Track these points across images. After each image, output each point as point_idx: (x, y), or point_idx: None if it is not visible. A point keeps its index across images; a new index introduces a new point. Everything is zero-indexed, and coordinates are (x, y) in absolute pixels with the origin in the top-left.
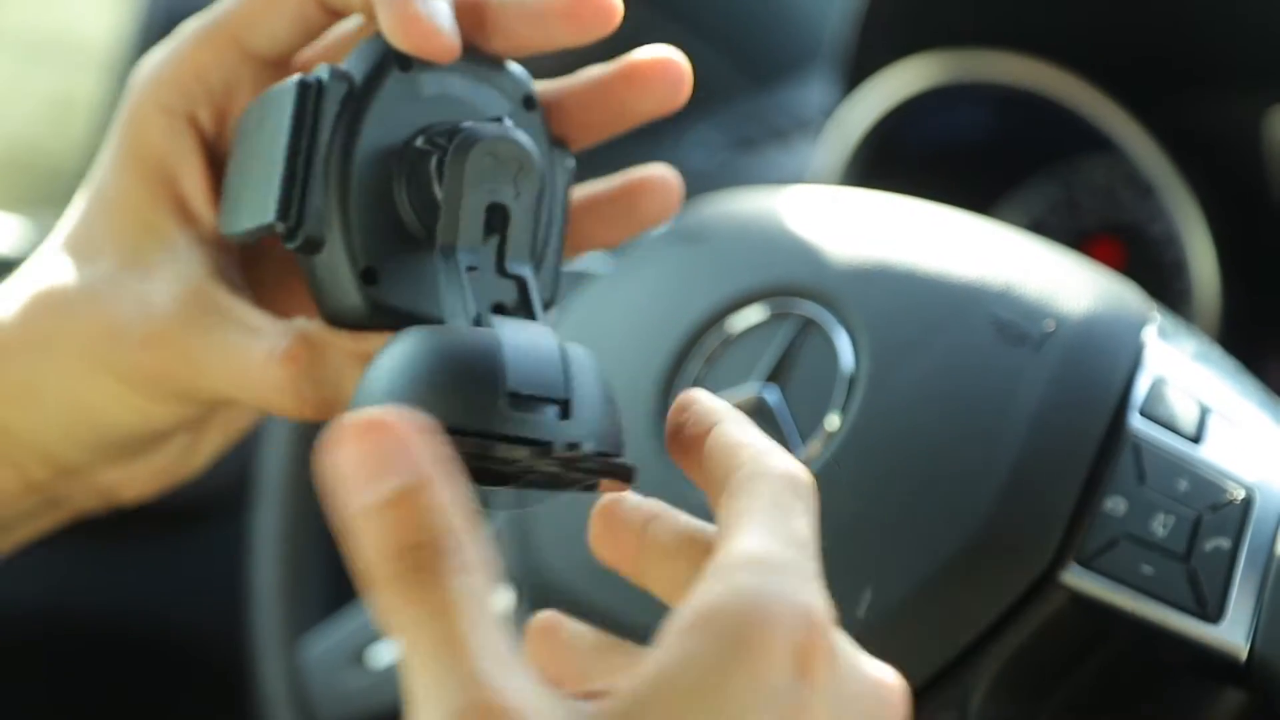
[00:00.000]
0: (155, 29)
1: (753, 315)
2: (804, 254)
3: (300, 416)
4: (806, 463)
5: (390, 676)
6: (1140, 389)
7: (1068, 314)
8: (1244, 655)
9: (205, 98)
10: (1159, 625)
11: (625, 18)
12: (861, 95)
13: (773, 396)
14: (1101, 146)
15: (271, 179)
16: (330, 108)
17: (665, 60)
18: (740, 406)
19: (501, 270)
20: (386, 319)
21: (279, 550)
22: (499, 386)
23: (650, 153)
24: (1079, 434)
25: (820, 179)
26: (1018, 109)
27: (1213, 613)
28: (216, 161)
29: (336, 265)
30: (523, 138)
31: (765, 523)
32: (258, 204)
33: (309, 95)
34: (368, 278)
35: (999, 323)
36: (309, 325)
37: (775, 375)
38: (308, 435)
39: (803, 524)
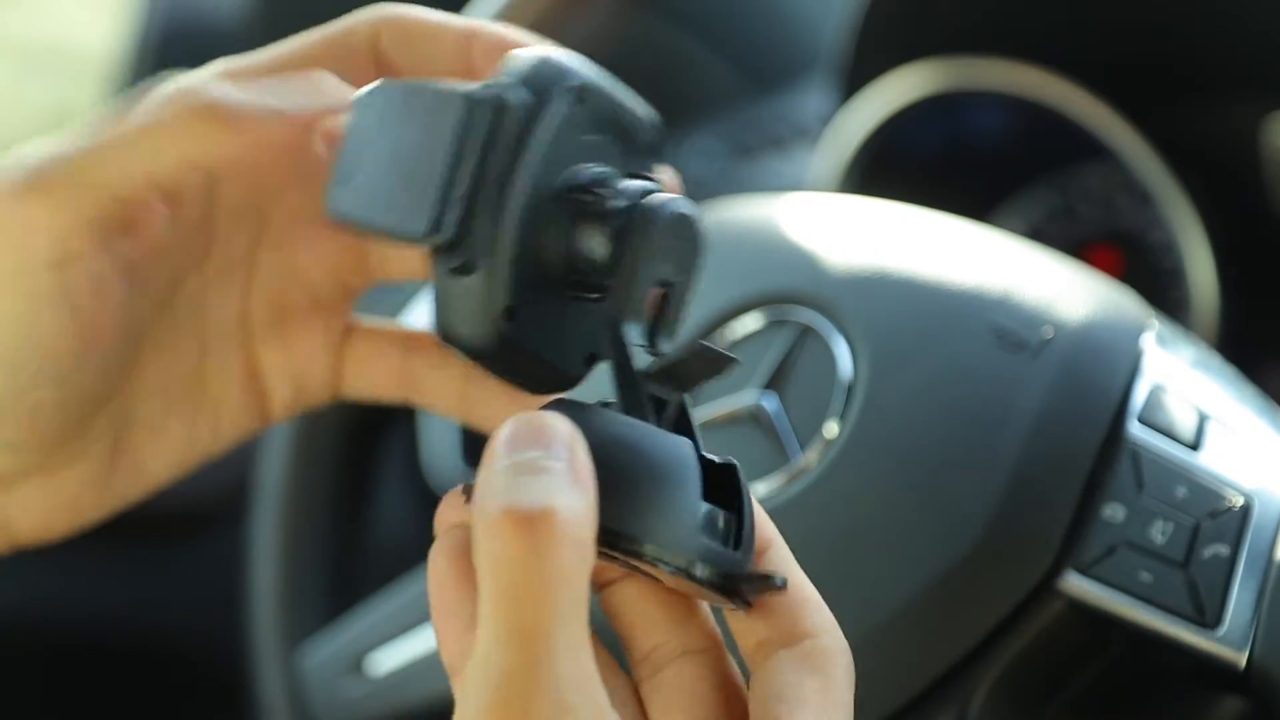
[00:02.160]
0: (154, 40)
1: (751, 322)
2: (802, 261)
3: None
4: (805, 470)
5: (389, 684)
6: (1139, 396)
7: (1066, 321)
8: (1243, 662)
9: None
10: (1158, 632)
11: (628, 25)
12: (859, 103)
13: (771, 404)
14: (1099, 154)
15: (428, 187)
16: (509, 129)
17: None
18: (739, 414)
19: (654, 349)
20: (510, 356)
21: (277, 558)
22: (696, 513)
23: None
24: (1078, 441)
25: (818, 186)
26: (1016, 116)
27: (1211, 620)
28: None
29: (482, 294)
30: (698, 215)
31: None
32: (404, 207)
33: (483, 110)
34: (509, 314)
35: (998, 330)
36: None
37: (774, 382)
38: (305, 443)
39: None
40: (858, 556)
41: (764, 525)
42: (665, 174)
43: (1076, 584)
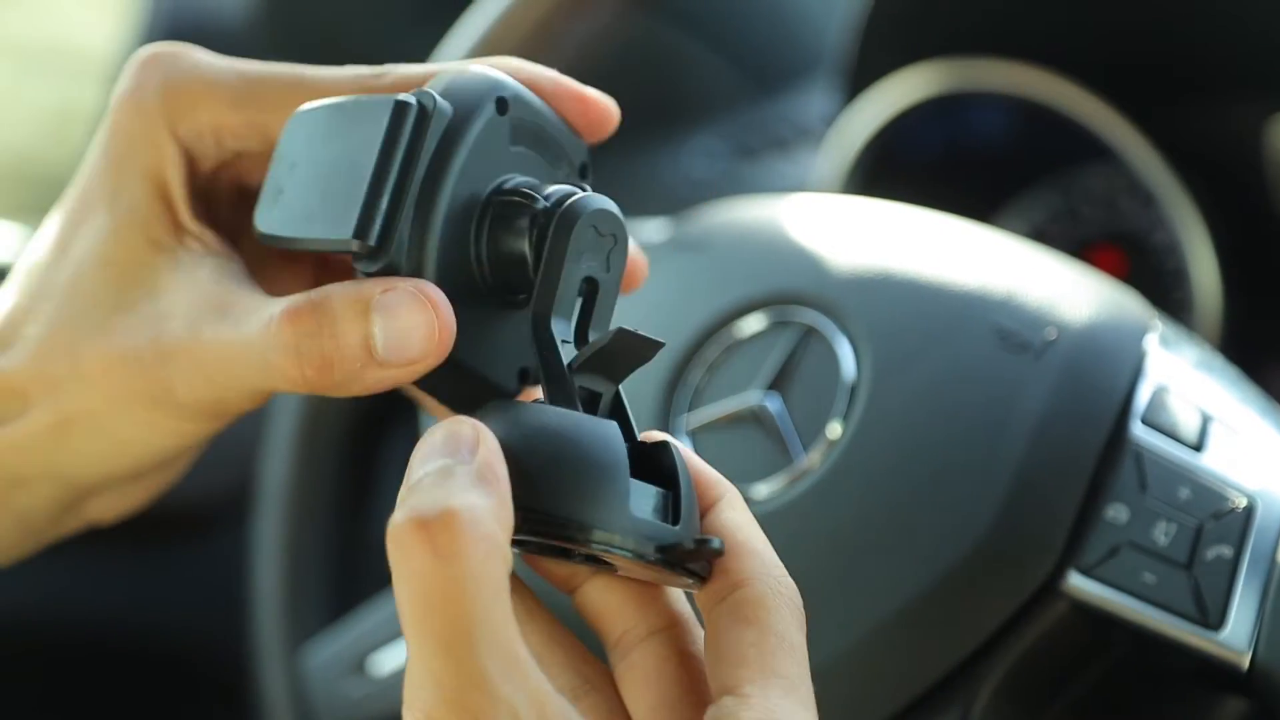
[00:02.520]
0: (156, 40)
1: (754, 323)
2: (805, 262)
3: (311, 386)
4: (808, 471)
5: (392, 684)
6: (1142, 397)
7: (1069, 322)
8: (1246, 663)
9: (211, 146)
10: (1161, 633)
11: (631, 26)
12: (863, 104)
13: (774, 404)
14: (1102, 155)
15: (353, 195)
16: (431, 136)
17: (603, 106)
18: (742, 415)
19: (582, 342)
20: (439, 372)
21: (280, 558)
22: (624, 493)
23: (652, 160)
24: (1081, 442)
25: (822, 187)
26: (1018, 117)
27: (1215, 621)
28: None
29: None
30: (619, 213)
31: (796, 667)
32: (329, 217)
33: (406, 118)
34: None
35: (1000, 331)
36: (304, 292)
37: (777, 383)
38: (308, 443)
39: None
40: (860, 557)
41: (713, 482)
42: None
43: (1079, 585)
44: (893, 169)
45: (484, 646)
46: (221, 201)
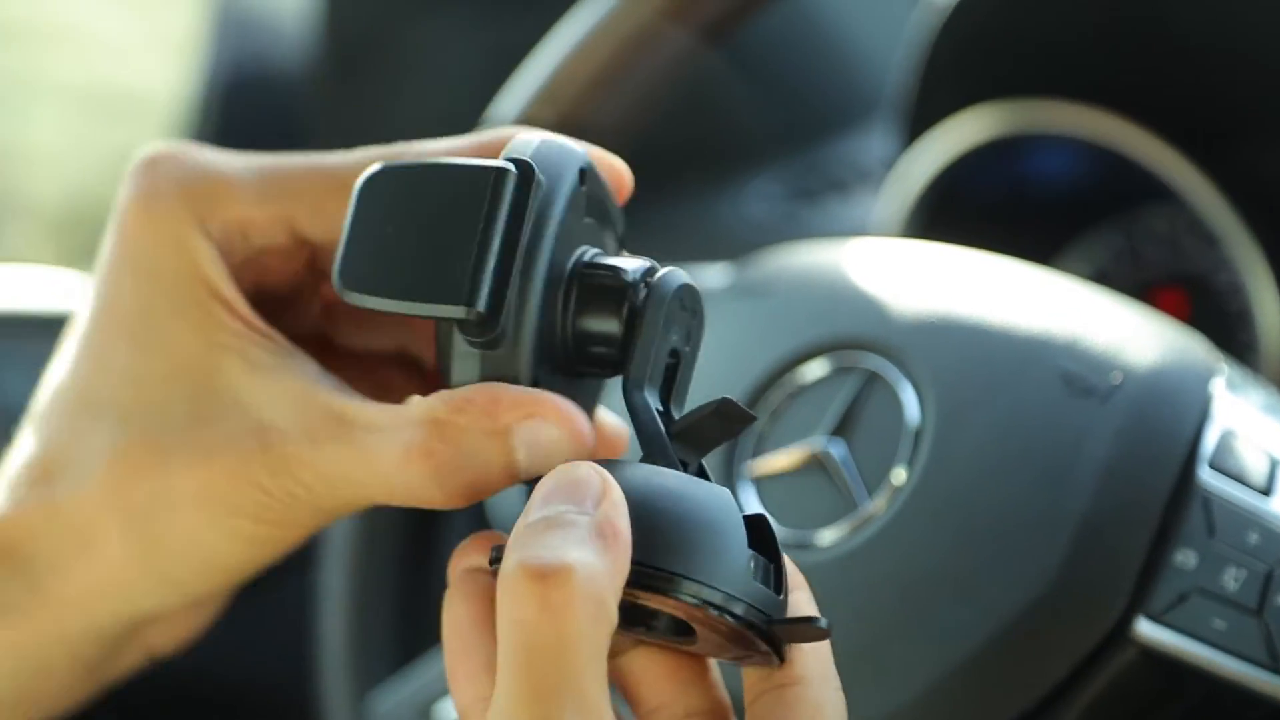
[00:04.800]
0: (219, 86)
1: (817, 369)
2: (868, 307)
3: (448, 506)
4: (873, 517)
5: None
6: (1209, 441)
7: (1135, 366)
8: None
9: (238, 243)
10: (1232, 680)
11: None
12: (923, 146)
13: (838, 451)
14: (1164, 196)
15: (458, 262)
16: (532, 205)
17: (629, 177)
18: (806, 461)
19: (666, 415)
20: None
21: (346, 606)
22: (743, 557)
23: (710, 204)
24: (1148, 487)
25: (882, 230)
26: (1080, 159)
27: None
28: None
29: (508, 369)
30: (699, 289)
31: None
32: (429, 283)
33: (507, 185)
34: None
35: (1066, 375)
36: (425, 408)
37: (840, 429)
38: None
39: None
40: (926, 605)
41: (792, 571)
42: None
43: (1148, 631)
44: (953, 212)
45: (572, 707)
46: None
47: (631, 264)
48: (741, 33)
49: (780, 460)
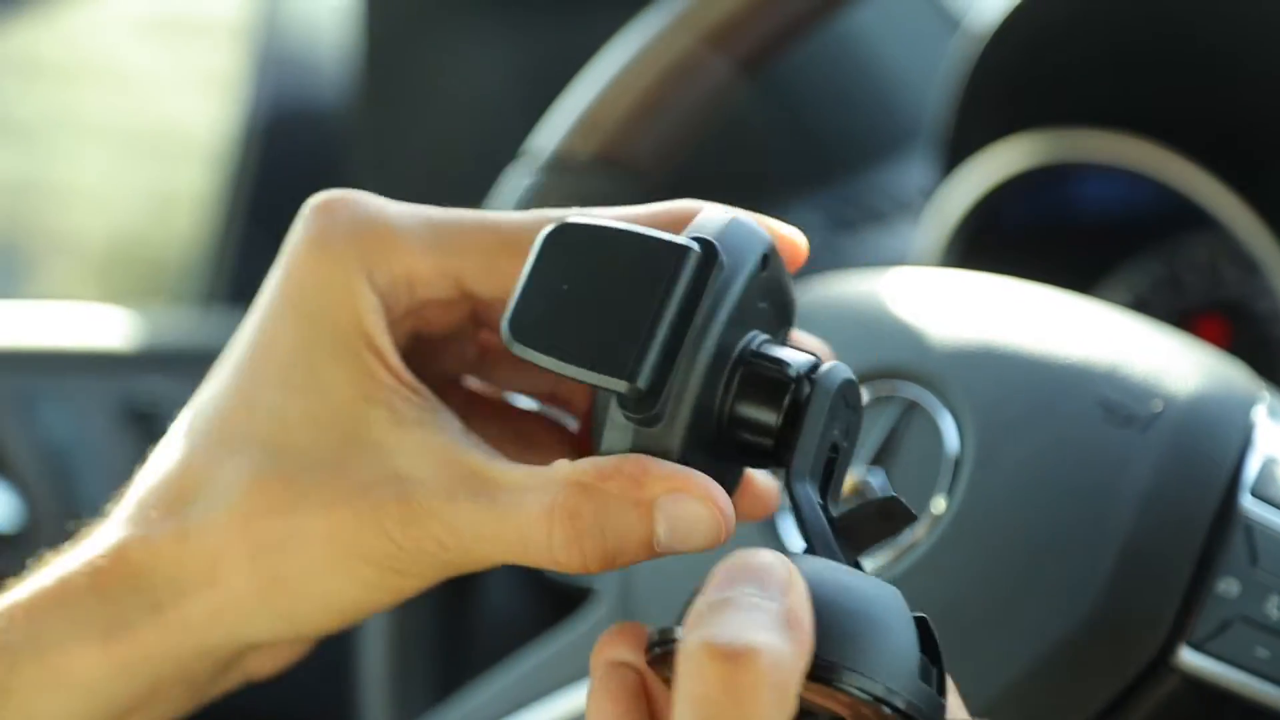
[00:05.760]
0: (260, 124)
1: None
2: (906, 336)
3: (584, 572)
4: (913, 546)
5: None
6: (1251, 469)
7: (1175, 394)
8: None
9: (403, 294)
10: (1275, 709)
11: (734, 97)
12: (961, 176)
13: (878, 480)
14: (1204, 223)
15: (628, 336)
16: (710, 288)
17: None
18: (846, 491)
19: (825, 510)
20: None
21: (387, 637)
22: (913, 657)
23: None
24: (1190, 515)
25: (920, 260)
26: (1119, 187)
27: None
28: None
29: (659, 447)
30: (859, 386)
31: None
32: (596, 351)
33: (688, 264)
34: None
35: (1106, 404)
36: (572, 471)
37: (880, 458)
38: None
39: None
40: (967, 633)
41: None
42: (815, 343)
43: (1191, 660)
44: (992, 241)
45: None
46: (400, 351)
47: (797, 358)
48: (779, 63)
49: None
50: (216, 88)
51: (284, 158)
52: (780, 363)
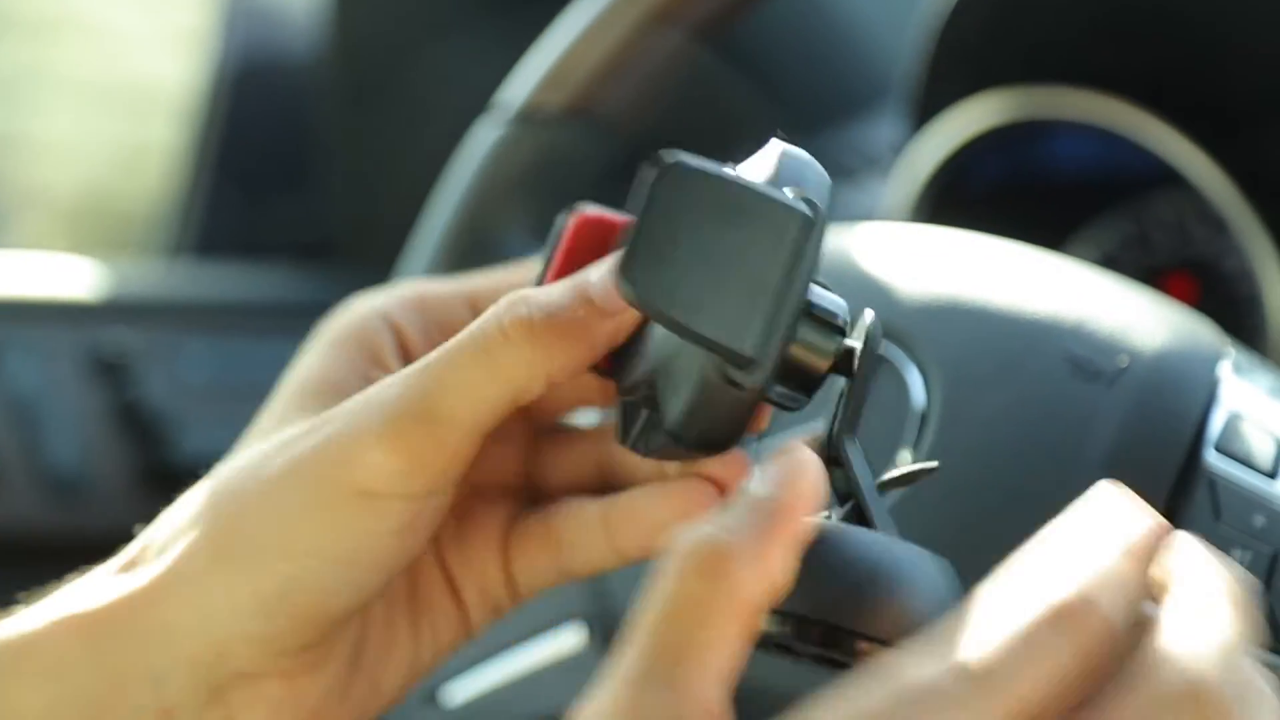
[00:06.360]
0: (228, 77)
1: None
2: (874, 292)
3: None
4: None
5: (464, 715)
6: (1215, 425)
7: (1141, 350)
8: None
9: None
10: None
11: (691, 61)
12: (930, 132)
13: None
14: (1173, 181)
15: (753, 304)
16: (810, 251)
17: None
18: (811, 443)
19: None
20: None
21: None
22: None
23: None
24: (1154, 470)
25: (889, 216)
26: (1088, 144)
27: None
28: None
29: (743, 407)
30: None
31: None
32: (718, 314)
33: (802, 230)
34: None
35: (1072, 359)
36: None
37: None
38: None
39: None
40: None
41: None
42: None
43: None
44: (961, 197)
45: (696, 676)
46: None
47: (842, 304)
48: (748, 18)
49: (785, 443)
50: (187, 43)
51: (252, 111)
52: (832, 315)
